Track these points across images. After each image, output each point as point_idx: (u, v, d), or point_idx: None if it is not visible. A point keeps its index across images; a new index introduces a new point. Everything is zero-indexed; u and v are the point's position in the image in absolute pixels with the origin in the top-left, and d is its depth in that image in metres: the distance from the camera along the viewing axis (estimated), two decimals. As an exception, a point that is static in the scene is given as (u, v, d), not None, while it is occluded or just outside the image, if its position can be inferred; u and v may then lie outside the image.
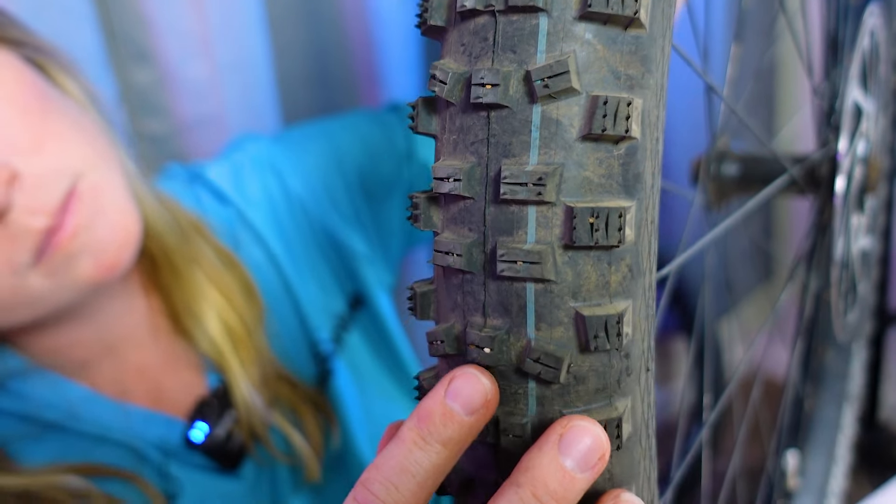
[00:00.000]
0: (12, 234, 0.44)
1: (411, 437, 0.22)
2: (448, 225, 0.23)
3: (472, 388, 0.22)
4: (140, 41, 0.98)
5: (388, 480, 0.22)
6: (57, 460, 0.52)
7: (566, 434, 0.21)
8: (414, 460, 0.22)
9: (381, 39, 1.14)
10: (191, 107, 1.03)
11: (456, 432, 0.22)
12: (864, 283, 0.61)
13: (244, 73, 1.05)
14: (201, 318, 0.58)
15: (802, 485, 0.69)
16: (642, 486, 0.25)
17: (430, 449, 0.22)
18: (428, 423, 0.22)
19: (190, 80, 1.02)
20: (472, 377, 0.22)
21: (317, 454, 0.61)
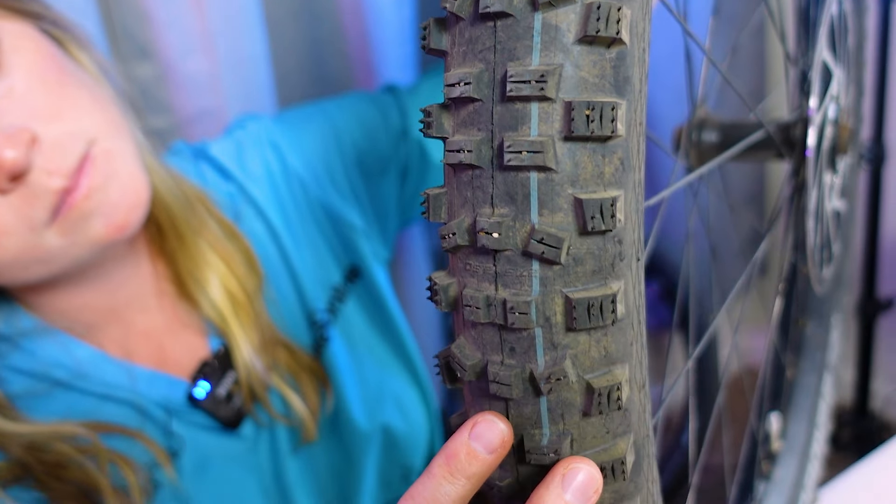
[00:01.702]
0: (32, 193, 0.46)
1: (441, 473, 0.27)
2: (459, 128, 0.26)
3: (491, 431, 0.26)
4: (141, 37, 1.00)
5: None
6: (64, 417, 0.54)
7: (567, 474, 0.26)
8: (443, 492, 0.26)
9: (377, 36, 1.17)
10: (191, 102, 1.06)
11: (478, 468, 0.26)
12: (839, 245, 0.64)
13: (243, 69, 1.08)
14: (204, 284, 0.60)
15: (785, 447, 0.72)
16: (635, 368, 0.27)
17: (456, 483, 0.26)
18: (455, 462, 0.26)
19: (190, 75, 1.05)
20: (491, 422, 0.26)
21: (314, 416, 0.64)
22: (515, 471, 0.28)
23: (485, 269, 0.25)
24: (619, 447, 0.27)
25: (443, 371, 0.29)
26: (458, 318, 0.28)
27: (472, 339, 0.27)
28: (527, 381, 0.26)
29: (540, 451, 0.26)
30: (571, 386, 0.26)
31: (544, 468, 0.27)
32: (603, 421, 0.27)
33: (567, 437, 0.26)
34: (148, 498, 0.56)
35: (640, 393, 0.28)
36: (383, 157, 0.71)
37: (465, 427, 0.27)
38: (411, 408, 0.71)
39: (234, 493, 0.60)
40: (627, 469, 0.27)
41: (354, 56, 1.24)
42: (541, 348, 0.25)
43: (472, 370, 0.27)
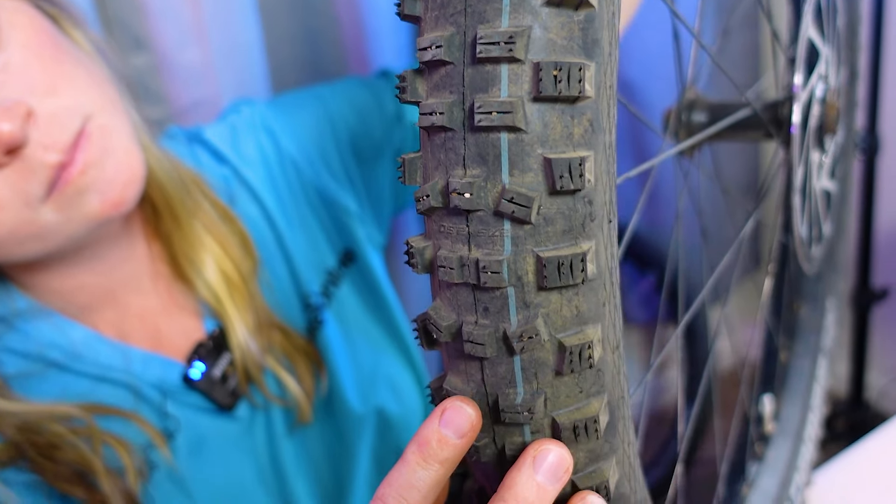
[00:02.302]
0: (28, 167, 0.47)
1: (415, 459, 0.28)
2: (432, 92, 0.26)
3: (460, 416, 0.27)
4: (136, 28, 1.00)
5: (398, 494, 0.28)
6: (58, 399, 0.55)
7: (538, 455, 0.27)
8: (418, 477, 0.28)
9: (371, 25, 1.17)
10: (186, 92, 1.06)
11: (450, 453, 0.27)
12: (830, 225, 0.64)
13: (238, 59, 1.08)
14: (200, 266, 0.61)
15: (778, 429, 0.72)
16: (608, 329, 0.28)
17: (430, 468, 0.28)
18: (427, 448, 0.27)
19: (185, 66, 1.05)
20: (459, 408, 0.27)
21: (309, 398, 0.64)
22: (492, 431, 0.28)
23: (458, 230, 0.26)
24: (592, 406, 0.27)
25: (420, 334, 0.29)
26: (434, 280, 0.28)
27: (448, 301, 0.27)
28: (500, 341, 0.26)
29: (514, 410, 0.27)
30: (544, 345, 0.26)
31: (520, 427, 0.28)
32: (576, 380, 0.27)
33: (541, 396, 0.27)
34: (143, 479, 0.56)
35: (614, 354, 0.28)
36: (377, 142, 0.71)
37: (435, 414, 0.28)
38: (406, 391, 0.71)
39: (230, 475, 0.60)
40: (601, 428, 0.28)
41: (349, 46, 1.24)
42: (513, 308, 0.26)
43: (447, 331, 0.27)
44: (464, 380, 0.28)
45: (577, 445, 0.28)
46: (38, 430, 0.52)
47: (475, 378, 0.27)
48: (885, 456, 0.77)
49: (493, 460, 0.29)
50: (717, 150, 0.68)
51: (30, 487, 0.52)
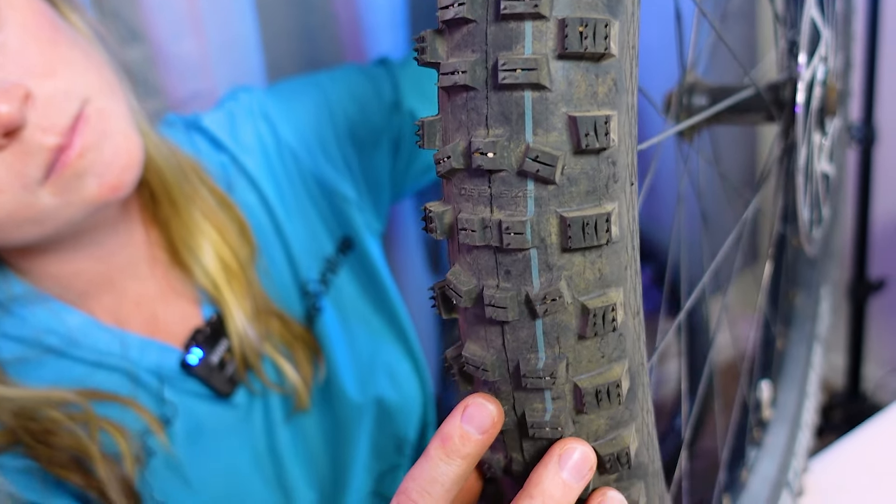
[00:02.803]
0: (26, 150, 0.46)
1: (437, 455, 0.28)
2: (453, 52, 0.26)
3: (482, 413, 0.28)
4: (131, 20, 1.00)
5: (422, 489, 0.28)
6: (55, 384, 0.54)
7: (563, 454, 0.28)
8: (441, 472, 0.28)
9: (368, 20, 1.17)
10: (182, 84, 1.05)
11: (472, 449, 0.28)
12: (829, 209, 0.64)
13: (234, 52, 1.07)
14: (197, 252, 0.60)
15: (776, 416, 0.72)
16: (629, 294, 0.27)
17: (452, 463, 0.28)
18: (450, 444, 0.28)
19: (181, 58, 1.04)
20: (481, 405, 0.28)
21: (307, 386, 0.64)
22: (512, 398, 0.28)
23: (480, 191, 0.25)
24: (614, 371, 0.27)
25: (438, 301, 0.29)
26: (453, 245, 0.28)
27: (468, 266, 0.27)
28: (522, 304, 0.26)
29: (536, 375, 0.26)
30: (566, 307, 0.26)
31: (541, 393, 0.27)
32: (598, 344, 0.27)
33: (563, 361, 0.26)
34: (140, 465, 0.55)
35: (635, 320, 0.28)
36: (376, 129, 0.71)
37: (458, 410, 0.28)
38: (404, 379, 0.71)
39: (227, 461, 0.60)
40: (623, 393, 0.27)
41: (346, 40, 1.24)
42: (536, 270, 0.25)
43: (467, 296, 0.27)
44: (483, 346, 0.27)
45: (598, 412, 0.28)
46: (34, 415, 0.52)
47: (495, 344, 0.27)
48: (881, 444, 0.77)
49: (512, 428, 0.29)
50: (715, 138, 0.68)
51: (23, 473, 0.52)
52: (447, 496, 0.29)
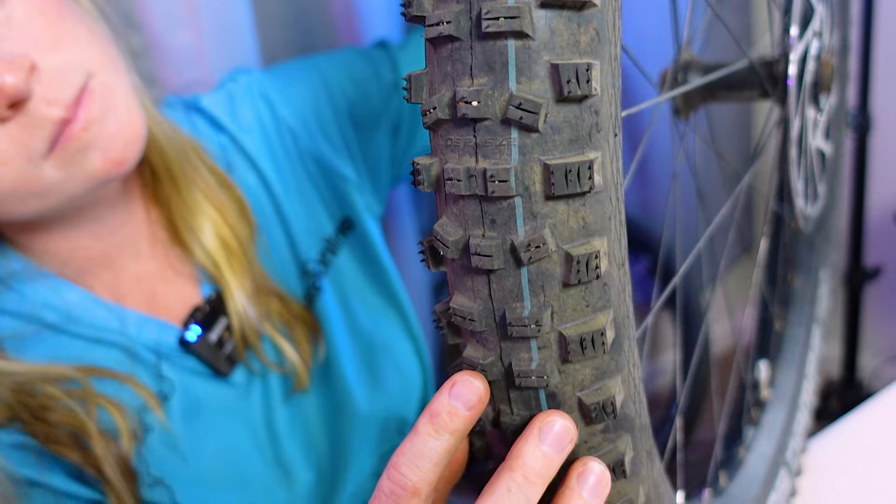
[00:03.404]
0: (31, 122, 0.46)
1: (426, 431, 0.29)
2: (438, 4, 0.26)
3: (469, 390, 0.29)
4: (127, 9, 1.00)
5: (412, 463, 0.29)
6: (53, 361, 0.54)
7: (544, 426, 0.29)
8: (429, 447, 0.29)
9: (363, 7, 1.17)
10: (177, 74, 1.05)
11: (459, 424, 0.29)
12: (825, 187, 0.64)
13: (229, 41, 1.07)
14: (197, 231, 0.60)
15: (774, 396, 0.72)
16: (613, 244, 0.28)
17: (441, 438, 0.29)
18: (438, 419, 0.29)
19: (176, 47, 1.04)
20: (468, 382, 0.29)
21: (306, 365, 0.64)
22: (498, 348, 0.28)
23: (465, 141, 0.26)
24: (598, 320, 0.28)
25: (427, 254, 0.29)
26: (440, 198, 0.28)
27: (454, 217, 0.27)
28: (508, 253, 0.26)
29: (521, 323, 0.27)
30: (551, 255, 0.26)
31: (527, 342, 0.28)
32: (582, 293, 0.27)
33: (548, 309, 0.27)
34: (137, 442, 0.55)
35: (620, 271, 0.29)
36: (375, 111, 0.71)
37: (445, 387, 0.29)
38: (404, 360, 0.71)
39: (225, 439, 0.60)
40: (608, 342, 0.28)
41: (340, 27, 1.24)
42: (520, 218, 0.26)
43: (454, 246, 0.27)
44: (470, 297, 0.28)
45: (583, 361, 0.28)
46: (32, 391, 0.52)
47: (482, 294, 0.27)
48: (878, 425, 0.77)
49: (499, 378, 0.29)
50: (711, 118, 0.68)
51: (19, 449, 0.52)
52: (436, 470, 0.29)
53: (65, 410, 0.52)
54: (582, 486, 0.29)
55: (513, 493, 0.28)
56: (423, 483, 0.29)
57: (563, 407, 0.29)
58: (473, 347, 0.29)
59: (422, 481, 0.29)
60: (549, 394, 0.28)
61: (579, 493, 0.29)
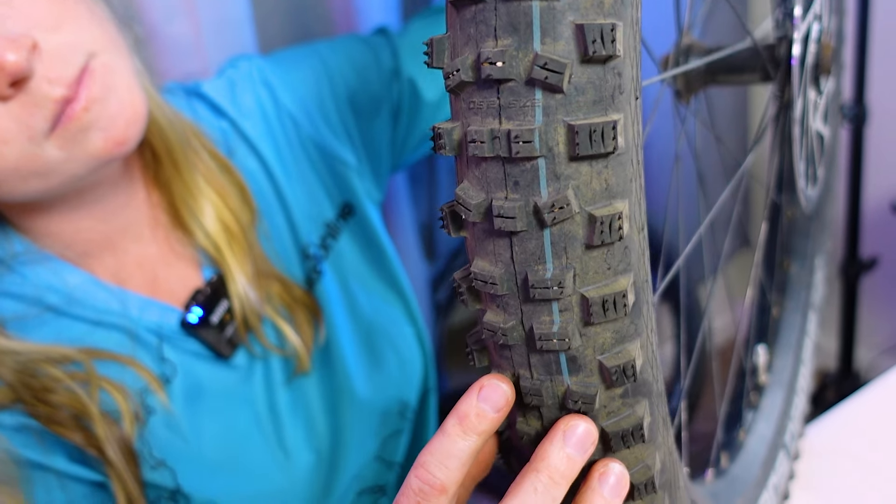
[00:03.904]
0: (33, 100, 0.46)
1: (455, 432, 0.30)
2: None
3: (496, 393, 0.30)
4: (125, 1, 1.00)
5: (439, 462, 0.30)
6: (55, 343, 0.54)
7: (567, 430, 0.30)
8: (458, 448, 0.30)
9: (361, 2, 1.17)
10: (175, 66, 1.05)
11: (486, 425, 0.30)
12: (823, 170, 0.65)
13: (227, 33, 1.07)
14: (199, 214, 0.60)
15: (772, 381, 0.73)
16: (634, 207, 0.28)
17: (468, 439, 0.30)
18: (467, 421, 0.30)
19: (174, 39, 1.04)
20: (496, 385, 0.30)
21: (307, 348, 0.64)
22: (520, 312, 0.28)
23: (489, 103, 0.26)
24: (619, 283, 0.28)
25: (447, 220, 0.29)
26: (461, 162, 0.28)
27: (476, 180, 0.27)
28: (531, 214, 0.26)
29: (544, 285, 0.27)
30: (574, 217, 0.26)
31: (549, 305, 0.28)
32: (604, 255, 0.27)
33: (570, 271, 0.27)
34: (139, 424, 0.56)
35: (640, 235, 0.29)
36: (375, 97, 0.71)
37: (473, 389, 0.30)
38: (405, 344, 0.71)
39: (226, 422, 0.60)
40: (629, 304, 0.28)
41: (338, 20, 1.24)
42: (544, 180, 0.26)
43: (476, 210, 0.27)
44: (492, 261, 0.28)
45: (604, 323, 0.28)
46: (34, 372, 0.52)
47: (504, 257, 0.28)
48: (876, 410, 0.78)
49: (519, 343, 0.29)
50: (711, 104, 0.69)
51: (21, 431, 0.52)
52: (462, 469, 0.31)
53: (66, 392, 0.52)
54: (603, 486, 0.31)
55: (539, 493, 0.30)
56: (450, 482, 0.30)
57: (584, 370, 0.29)
58: (494, 312, 0.29)
59: (449, 480, 0.30)
60: (569, 357, 0.29)
61: (601, 492, 0.31)
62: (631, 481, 0.32)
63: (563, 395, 0.29)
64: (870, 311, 1.62)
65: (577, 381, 0.29)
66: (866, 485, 0.67)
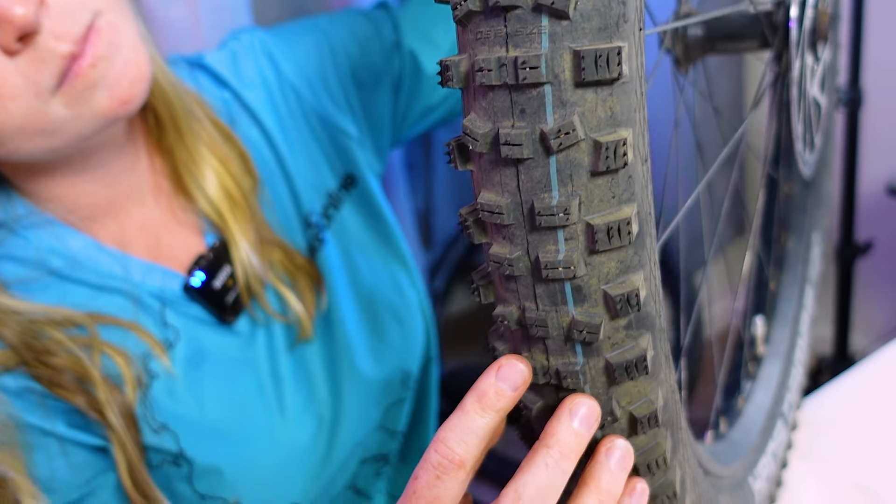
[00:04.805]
0: (39, 56, 0.47)
1: (474, 409, 0.32)
2: None
3: (514, 372, 0.32)
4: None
5: (459, 438, 0.32)
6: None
7: (573, 407, 0.32)
8: (476, 425, 0.32)
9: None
10: (171, 48, 1.05)
11: (505, 403, 0.32)
12: (820, 138, 0.65)
13: (223, 16, 1.07)
14: (201, 180, 0.61)
15: (769, 352, 0.73)
16: (637, 137, 0.28)
17: (487, 416, 0.32)
18: (485, 399, 0.32)
19: (171, 21, 1.04)
20: (514, 364, 0.32)
21: (310, 315, 0.64)
22: (525, 242, 0.29)
23: (496, 32, 0.26)
24: (624, 211, 0.28)
25: (454, 154, 0.30)
26: (468, 94, 0.28)
27: (483, 111, 0.28)
28: (537, 142, 0.27)
29: (550, 212, 0.27)
30: (579, 144, 0.27)
31: (554, 233, 0.28)
32: (609, 183, 0.28)
33: (575, 198, 0.27)
34: (142, 389, 0.56)
35: (643, 166, 0.29)
36: (377, 70, 0.71)
37: (492, 369, 0.32)
38: (407, 313, 0.72)
39: (228, 387, 0.60)
40: (633, 233, 0.28)
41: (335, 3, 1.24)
42: (550, 107, 0.26)
43: (483, 140, 0.28)
44: (498, 192, 0.28)
45: (609, 253, 0.28)
46: (37, 334, 0.52)
47: (510, 187, 0.28)
48: (873, 383, 0.79)
49: (525, 274, 0.29)
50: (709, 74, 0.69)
51: (23, 394, 0.52)
52: (480, 445, 0.32)
53: (68, 355, 0.52)
54: (610, 459, 0.33)
55: (549, 468, 0.32)
56: (469, 456, 0.32)
57: (589, 300, 0.29)
58: (500, 244, 0.30)
59: (468, 455, 0.32)
60: (574, 287, 0.29)
61: (607, 465, 0.33)
62: (634, 415, 0.32)
63: (568, 325, 0.30)
64: (865, 297, 1.63)
65: (581, 312, 0.29)
66: (863, 456, 0.68)
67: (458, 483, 0.32)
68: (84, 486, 0.54)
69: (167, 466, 0.57)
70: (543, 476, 0.32)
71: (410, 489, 0.33)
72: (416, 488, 0.32)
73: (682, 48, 0.60)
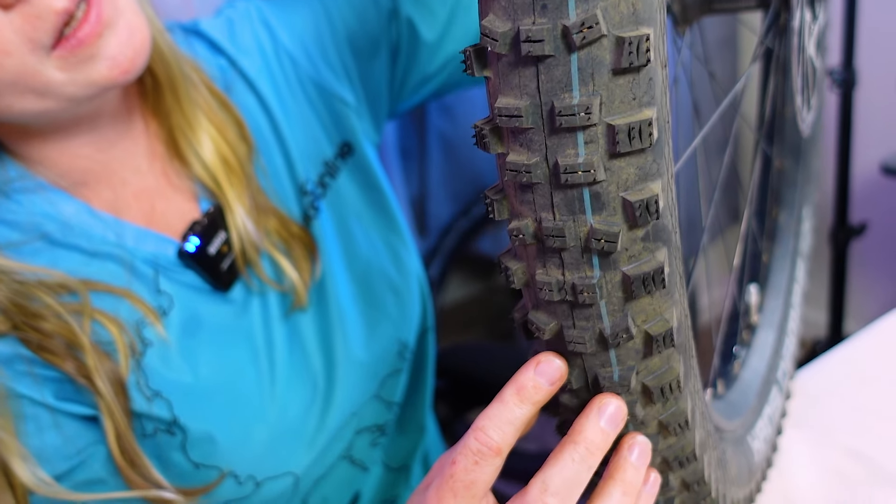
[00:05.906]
0: (35, 11, 0.46)
1: (513, 400, 0.34)
2: None
3: (552, 367, 0.34)
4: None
5: (497, 427, 0.34)
6: None
7: (601, 406, 0.34)
8: (514, 416, 0.34)
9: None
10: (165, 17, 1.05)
11: (541, 396, 0.34)
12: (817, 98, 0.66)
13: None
14: (197, 145, 0.60)
15: (763, 321, 0.74)
16: (658, 38, 0.28)
17: (524, 407, 0.34)
18: (524, 392, 0.34)
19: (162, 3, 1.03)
20: (551, 360, 0.34)
21: (304, 284, 0.64)
22: (544, 146, 0.28)
23: None
24: (645, 113, 0.28)
25: (471, 60, 0.29)
26: None
27: (503, 10, 0.27)
28: (559, 38, 0.26)
29: (570, 112, 0.27)
30: (601, 41, 0.26)
31: (574, 135, 0.28)
32: (630, 84, 0.27)
33: (597, 98, 0.27)
34: (135, 356, 0.55)
35: (664, 71, 0.29)
36: (374, 38, 0.71)
37: (531, 364, 0.34)
38: (403, 284, 0.71)
39: (222, 355, 0.60)
40: (654, 133, 0.28)
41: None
42: (572, 1, 0.26)
43: (503, 39, 0.27)
44: (517, 94, 0.28)
45: (629, 157, 0.28)
46: (28, 297, 0.51)
47: (529, 89, 0.27)
48: (867, 354, 0.79)
49: (543, 182, 0.29)
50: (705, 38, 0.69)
51: (12, 361, 0.51)
52: (516, 434, 0.35)
53: (58, 321, 0.51)
54: (632, 454, 0.36)
55: (576, 462, 0.34)
56: (505, 444, 0.35)
57: (607, 208, 0.29)
58: (517, 152, 0.29)
59: (504, 443, 0.34)
60: (593, 193, 0.28)
61: (630, 459, 0.36)
62: (650, 333, 0.32)
63: (586, 235, 0.29)
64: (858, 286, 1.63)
65: (600, 220, 0.29)
66: (857, 423, 0.68)
67: (493, 469, 0.35)
68: (75, 456, 0.54)
69: (161, 435, 0.57)
70: (570, 470, 0.34)
71: (448, 472, 0.35)
72: (454, 472, 0.35)
73: (681, 8, 0.60)
